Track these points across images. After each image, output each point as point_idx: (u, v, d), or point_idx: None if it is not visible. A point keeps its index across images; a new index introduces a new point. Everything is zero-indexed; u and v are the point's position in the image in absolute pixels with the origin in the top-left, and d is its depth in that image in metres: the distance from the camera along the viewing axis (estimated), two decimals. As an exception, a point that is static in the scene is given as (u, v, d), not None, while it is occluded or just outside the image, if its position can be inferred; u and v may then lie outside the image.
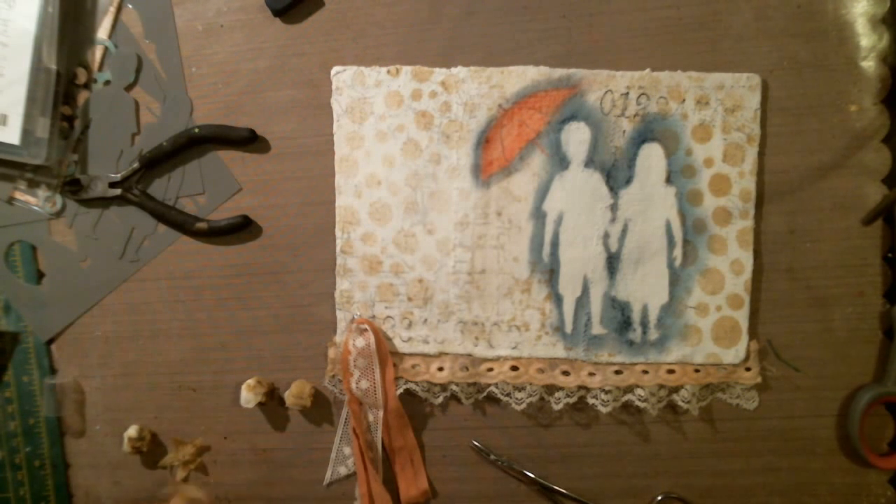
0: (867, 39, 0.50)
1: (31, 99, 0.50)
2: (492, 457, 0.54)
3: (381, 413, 0.52)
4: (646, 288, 0.51)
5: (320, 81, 0.52)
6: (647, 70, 0.50)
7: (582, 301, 0.51)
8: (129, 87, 0.53)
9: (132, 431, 0.53)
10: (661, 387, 0.52)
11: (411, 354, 0.52)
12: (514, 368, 0.52)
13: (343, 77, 0.51)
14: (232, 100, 0.53)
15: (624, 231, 0.51)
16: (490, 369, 0.52)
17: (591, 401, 0.52)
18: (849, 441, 0.52)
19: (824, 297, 0.52)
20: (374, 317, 0.52)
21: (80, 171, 0.53)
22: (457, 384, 0.52)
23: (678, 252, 0.51)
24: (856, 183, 0.51)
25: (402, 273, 0.52)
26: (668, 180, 0.51)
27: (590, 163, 0.51)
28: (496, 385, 0.52)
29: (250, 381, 0.52)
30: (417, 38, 0.52)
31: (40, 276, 0.54)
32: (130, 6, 0.53)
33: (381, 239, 0.52)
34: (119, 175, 0.53)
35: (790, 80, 0.50)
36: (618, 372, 0.52)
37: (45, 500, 0.56)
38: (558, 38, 0.51)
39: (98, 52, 0.53)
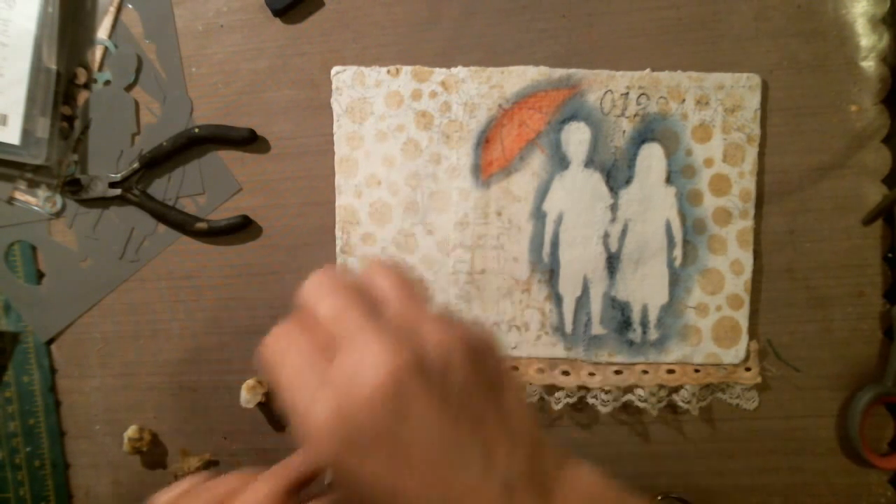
0: (867, 39, 0.50)
1: (31, 99, 0.50)
2: (492, 457, 0.53)
3: (381, 413, 0.52)
4: (646, 288, 0.51)
5: (320, 81, 0.52)
6: (647, 70, 0.50)
7: (582, 301, 0.51)
8: (129, 87, 0.53)
9: (132, 431, 0.53)
10: (661, 387, 0.52)
11: (411, 354, 0.52)
12: (514, 368, 0.52)
13: (343, 77, 0.51)
14: (232, 100, 0.53)
15: (624, 231, 0.51)
16: (490, 369, 0.52)
17: (591, 401, 0.52)
18: (849, 441, 0.51)
19: (824, 297, 0.51)
20: (374, 317, 0.52)
21: (80, 171, 0.53)
22: (457, 384, 0.52)
23: (678, 252, 0.51)
24: (856, 183, 0.51)
25: (402, 273, 0.52)
26: (668, 180, 0.51)
27: (590, 163, 0.51)
28: (496, 385, 0.52)
29: (250, 382, 0.52)
30: (417, 38, 0.52)
31: (40, 276, 0.54)
32: (130, 6, 0.53)
33: (380, 239, 0.52)
34: (119, 175, 0.53)
35: (790, 80, 0.50)
36: (618, 372, 0.52)
37: (45, 500, 0.56)
38: (558, 38, 0.51)
39: (98, 52, 0.53)
